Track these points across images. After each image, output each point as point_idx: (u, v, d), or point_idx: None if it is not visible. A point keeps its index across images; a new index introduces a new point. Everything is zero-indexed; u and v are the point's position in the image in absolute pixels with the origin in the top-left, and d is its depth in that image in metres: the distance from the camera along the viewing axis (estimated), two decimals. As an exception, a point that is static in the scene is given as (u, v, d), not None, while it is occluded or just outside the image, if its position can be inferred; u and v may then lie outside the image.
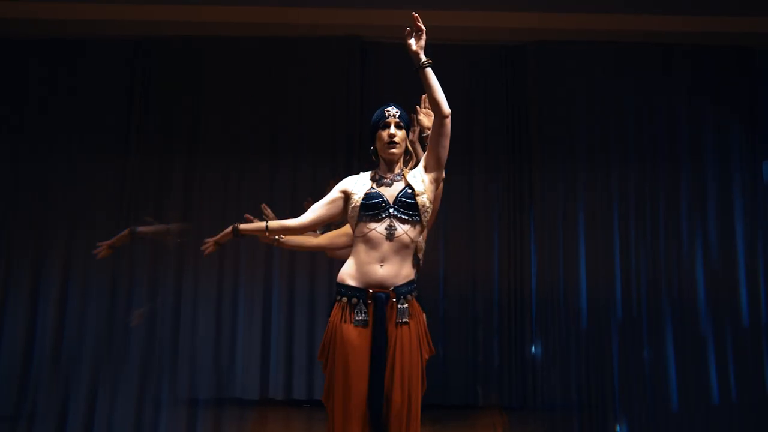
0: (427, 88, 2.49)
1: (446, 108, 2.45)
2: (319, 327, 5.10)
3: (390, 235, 2.40)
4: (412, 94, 5.33)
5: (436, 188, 2.56)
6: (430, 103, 2.53)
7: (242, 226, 2.69)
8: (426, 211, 2.47)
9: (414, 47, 2.47)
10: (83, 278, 4.97)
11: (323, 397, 2.43)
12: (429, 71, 2.46)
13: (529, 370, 5.05)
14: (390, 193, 2.46)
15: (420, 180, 2.50)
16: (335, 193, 2.59)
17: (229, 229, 2.68)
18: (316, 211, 2.60)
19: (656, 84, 5.21)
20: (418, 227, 2.46)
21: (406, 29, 2.50)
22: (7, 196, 5.10)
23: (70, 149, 5.15)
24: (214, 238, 2.71)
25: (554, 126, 5.20)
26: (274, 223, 2.68)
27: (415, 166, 2.65)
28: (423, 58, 2.47)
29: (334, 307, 2.45)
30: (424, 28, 2.47)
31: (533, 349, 5.06)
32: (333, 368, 2.36)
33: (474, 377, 5.10)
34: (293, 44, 5.30)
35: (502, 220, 5.25)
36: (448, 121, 2.46)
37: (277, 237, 2.82)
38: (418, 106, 2.95)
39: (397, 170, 2.53)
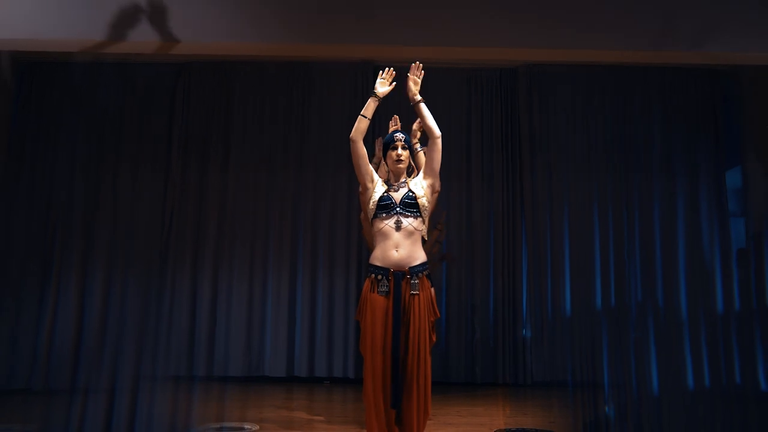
0: (421, 119, 3.30)
1: (437, 131, 3.25)
2: (337, 315, 5.83)
3: (398, 227, 3.18)
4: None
5: (432, 192, 3.32)
6: (425, 129, 3.30)
7: None
8: (425, 209, 3.26)
9: (413, 89, 3.25)
10: (126, 269, 5.58)
11: (360, 346, 3.20)
12: (422, 106, 3.27)
13: (520, 352, 5.72)
14: (397, 196, 3.25)
15: (420, 186, 3.29)
16: (374, 174, 3.31)
17: None
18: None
19: (632, 104, 5.93)
20: (419, 219, 3.24)
21: (409, 75, 3.23)
22: (63, 198, 5.79)
23: (118, 160, 5.85)
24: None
25: (542, 139, 5.90)
26: None
27: (411, 173, 3.35)
28: (419, 97, 3.26)
29: (366, 281, 3.23)
30: (422, 74, 3.27)
31: (524, 332, 5.74)
32: (365, 324, 3.12)
33: (472, 358, 5.76)
34: (314, 69, 6.05)
35: (496, 221, 5.93)
36: (439, 141, 3.27)
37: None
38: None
39: (402, 179, 3.33)
